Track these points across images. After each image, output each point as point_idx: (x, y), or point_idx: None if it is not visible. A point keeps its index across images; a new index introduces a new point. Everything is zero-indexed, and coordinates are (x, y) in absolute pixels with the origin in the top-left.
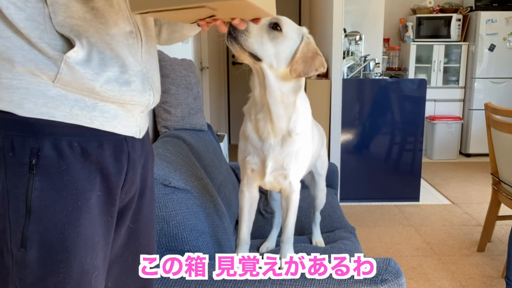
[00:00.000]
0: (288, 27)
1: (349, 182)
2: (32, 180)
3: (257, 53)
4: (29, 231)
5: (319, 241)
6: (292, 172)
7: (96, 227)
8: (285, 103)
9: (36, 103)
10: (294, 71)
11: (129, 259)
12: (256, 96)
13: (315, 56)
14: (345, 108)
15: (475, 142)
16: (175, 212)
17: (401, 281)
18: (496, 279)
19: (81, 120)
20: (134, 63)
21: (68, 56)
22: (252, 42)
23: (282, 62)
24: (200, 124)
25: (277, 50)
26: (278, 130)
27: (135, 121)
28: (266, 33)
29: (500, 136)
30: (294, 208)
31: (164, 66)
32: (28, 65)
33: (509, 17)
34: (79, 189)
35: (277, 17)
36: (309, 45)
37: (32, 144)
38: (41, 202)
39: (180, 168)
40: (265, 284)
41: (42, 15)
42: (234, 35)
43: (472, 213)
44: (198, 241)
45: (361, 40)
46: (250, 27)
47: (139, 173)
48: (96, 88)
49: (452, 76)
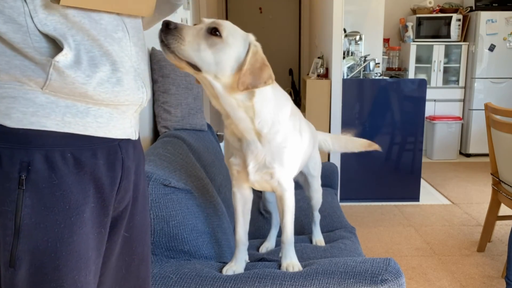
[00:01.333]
0: (229, 33)
1: (349, 182)
2: (22, 196)
3: (194, 62)
4: (18, 250)
5: (319, 240)
6: (278, 171)
7: (89, 241)
8: (243, 107)
9: (25, 112)
10: (241, 84)
11: (122, 268)
12: (215, 105)
13: (263, 67)
14: (345, 108)
15: (475, 142)
16: (175, 212)
17: (401, 281)
18: (496, 279)
19: (74, 128)
20: (124, 59)
21: (56, 60)
22: (187, 49)
23: (227, 71)
24: (200, 124)
25: (218, 58)
26: (247, 130)
27: (129, 122)
28: (203, 39)
29: (500, 136)
30: (290, 208)
31: (164, 66)
32: (13, 72)
33: (509, 17)
34: (72, 203)
35: (217, 21)
36: (257, 55)
37: (22, 157)
38: (31, 220)
39: (180, 168)
40: (265, 284)
41: (22, 15)
42: (166, 42)
43: (472, 213)
44: (198, 241)
45: (361, 40)
46: (184, 33)
47: (132, 180)
48: (89, 92)
49: (452, 76)
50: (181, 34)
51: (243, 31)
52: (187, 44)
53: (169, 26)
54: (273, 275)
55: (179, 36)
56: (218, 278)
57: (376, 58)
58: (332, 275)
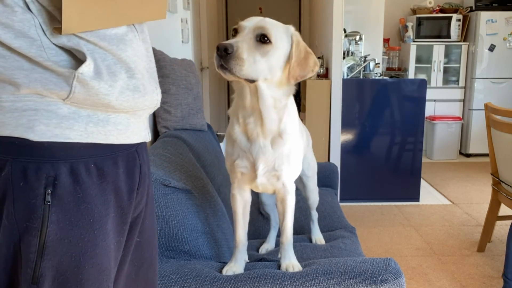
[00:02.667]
0: (276, 35)
1: (349, 182)
2: (48, 212)
3: (252, 77)
4: (42, 267)
5: (319, 238)
6: (285, 173)
7: (110, 252)
8: (277, 107)
9: (48, 124)
10: (292, 77)
11: (132, 273)
12: (246, 103)
13: (307, 55)
14: (345, 108)
15: (475, 142)
16: (175, 212)
17: (401, 281)
18: (496, 279)
19: (97, 138)
20: (138, 62)
21: (80, 72)
22: (247, 68)
23: (277, 72)
24: (200, 124)
25: (270, 63)
26: (269, 132)
27: (143, 124)
28: (256, 51)
29: (500, 136)
30: (291, 210)
31: (164, 66)
32: (34, 86)
33: (509, 17)
34: (96, 216)
35: (262, 25)
36: (299, 45)
37: (48, 171)
38: (56, 236)
39: (180, 168)
40: (265, 284)
41: (33, 28)
42: (227, 67)
43: (472, 213)
44: (198, 241)
45: (361, 40)
46: (240, 52)
47: (147, 185)
48: (112, 103)
49: (452, 76)
50: (239, 55)
51: (283, 24)
52: (246, 64)
53: (228, 51)
54: (273, 275)
55: (237, 57)
56: (218, 278)
57: (376, 58)
58: (332, 275)
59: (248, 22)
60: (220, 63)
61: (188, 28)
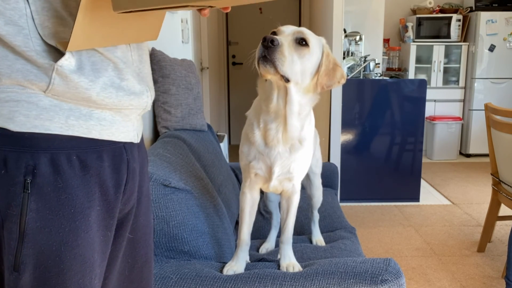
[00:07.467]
0: (313, 41)
1: (349, 182)
2: (27, 200)
3: (288, 75)
4: (23, 254)
5: (319, 240)
6: (297, 175)
7: (94, 245)
8: (301, 114)
9: (27, 115)
10: (319, 85)
11: (126, 270)
12: (272, 107)
13: (335, 67)
14: (345, 108)
15: (475, 142)
16: (175, 213)
17: (401, 281)
18: (496, 280)
19: (78, 131)
20: (127, 63)
21: (59, 64)
22: (288, 65)
23: (307, 78)
24: (200, 124)
25: (304, 67)
26: (290, 139)
27: (132, 125)
28: (295, 52)
29: (500, 136)
30: (295, 209)
31: (164, 67)
32: (15, 76)
33: (509, 17)
34: (77, 207)
35: (302, 30)
36: (329, 57)
37: (28, 160)
38: (36, 224)
39: (180, 168)
40: (265, 284)
41: (24, 17)
42: (271, 58)
43: (472, 213)
44: (198, 242)
45: (361, 41)
46: (284, 49)
47: (137, 182)
48: (93, 97)
49: (452, 76)
50: (282, 51)
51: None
52: (287, 60)
53: (274, 43)
54: (273, 275)
55: (281, 52)
56: (218, 278)
57: (376, 58)
58: (332, 276)
59: (287, 27)
60: (263, 54)
61: (188, 28)
